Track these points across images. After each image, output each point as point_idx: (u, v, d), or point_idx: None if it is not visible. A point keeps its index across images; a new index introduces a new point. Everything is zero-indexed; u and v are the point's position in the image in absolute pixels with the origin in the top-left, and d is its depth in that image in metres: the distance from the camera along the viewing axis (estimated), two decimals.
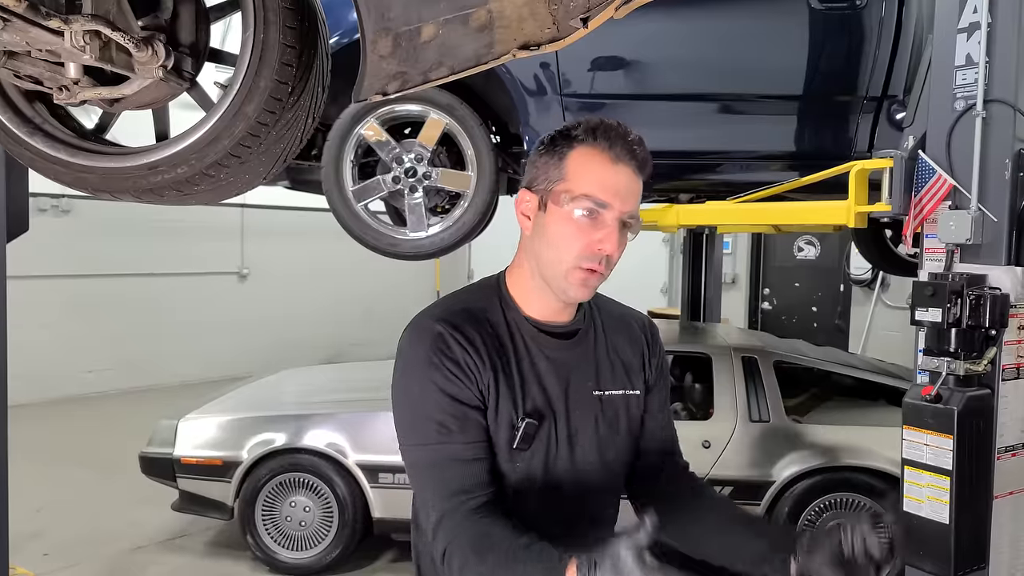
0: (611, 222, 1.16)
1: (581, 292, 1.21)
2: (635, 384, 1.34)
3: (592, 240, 1.16)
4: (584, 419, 1.28)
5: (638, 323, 1.40)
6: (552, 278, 1.21)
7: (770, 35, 2.97)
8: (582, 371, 1.29)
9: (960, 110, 2.32)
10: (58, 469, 5.33)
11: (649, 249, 9.39)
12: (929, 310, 2.26)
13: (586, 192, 1.16)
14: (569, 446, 1.26)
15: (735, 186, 3.11)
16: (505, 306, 1.27)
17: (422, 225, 2.89)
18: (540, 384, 1.25)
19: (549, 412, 1.25)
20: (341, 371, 5.20)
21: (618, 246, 1.18)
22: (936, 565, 2.28)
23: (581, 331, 1.31)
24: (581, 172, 1.18)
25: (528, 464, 1.23)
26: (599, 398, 1.29)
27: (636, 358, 1.36)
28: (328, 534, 3.76)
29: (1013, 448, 2.37)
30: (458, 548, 1.11)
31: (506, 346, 1.24)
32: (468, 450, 1.17)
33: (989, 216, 2.28)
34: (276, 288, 8.94)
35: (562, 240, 1.18)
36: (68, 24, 1.30)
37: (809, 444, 3.47)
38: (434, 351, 1.18)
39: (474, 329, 1.22)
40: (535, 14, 1.16)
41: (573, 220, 1.17)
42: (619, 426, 1.32)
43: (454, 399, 1.17)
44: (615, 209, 1.16)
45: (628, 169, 1.18)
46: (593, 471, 1.29)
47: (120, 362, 7.84)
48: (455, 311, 1.24)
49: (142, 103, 1.60)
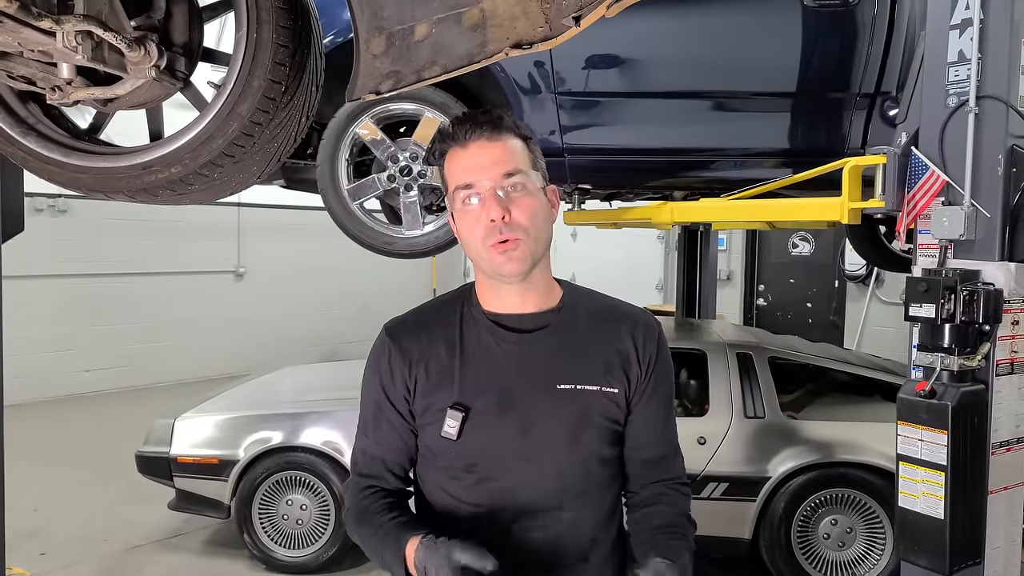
0: (486, 193, 1.23)
1: (509, 266, 1.23)
2: (613, 382, 1.30)
3: (484, 219, 1.23)
4: (543, 412, 1.27)
5: (629, 321, 1.35)
6: (483, 266, 1.27)
7: (764, 32, 2.97)
8: (545, 364, 1.28)
9: (953, 106, 2.32)
10: (55, 468, 5.32)
11: (644, 246, 9.40)
12: (923, 306, 2.27)
13: (456, 185, 1.26)
14: (521, 437, 1.26)
15: (729, 183, 3.12)
16: (466, 304, 1.34)
17: (417, 223, 2.89)
18: (490, 376, 1.27)
19: (493, 403, 1.26)
20: (337, 369, 5.20)
21: (512, 210, 1.22)
22: (931, 560, 2.29)
23: (551, 325, 1.31)
24: (448, 174, 1.28)
25: (465, 450, 1.26)
26: (565, 392, 1.27)
27: (618, 356, 1.31)
28: (325, 532, 3.76)
29: (1007, 443, 2.39)
30: (348, 514, 1.36)
31: (453, 342, 1.30)
32: (373, 447, 1.35)
33: (982, 212, 2.29)
34: (272, 287, 8.94)
35: (466, 232, 1.26)
36: (60, 24, 1.30)
37: (804, 440, 3.48)
38: (374, 358, 1.35)
39: (415, 334, 1.32)
40: (527, 13, 1.17)
41: (464, 212, 1.25)
42: (591, 421, 1.29)
43: (376, 403, 1.34)
44: (483, 181, 1.23)
45: (480, 141, 1.24)
46: (555, 465, 1.27)
47: (116, 361, 7.83)
48: (408, 318, 1.38)
49: (135, 103, 1.60)
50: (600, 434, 1.30)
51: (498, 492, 1.27)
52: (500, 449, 1.27)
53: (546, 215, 1.28)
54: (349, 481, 1.38)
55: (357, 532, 1.33)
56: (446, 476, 1.30)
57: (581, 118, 2.98)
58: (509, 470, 1.27)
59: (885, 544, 3.45)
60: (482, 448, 1.26)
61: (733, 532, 3.48)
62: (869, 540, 3.49)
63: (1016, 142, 2.28)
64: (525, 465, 1.27)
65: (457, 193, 1.25)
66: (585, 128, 2.98)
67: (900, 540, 2.41)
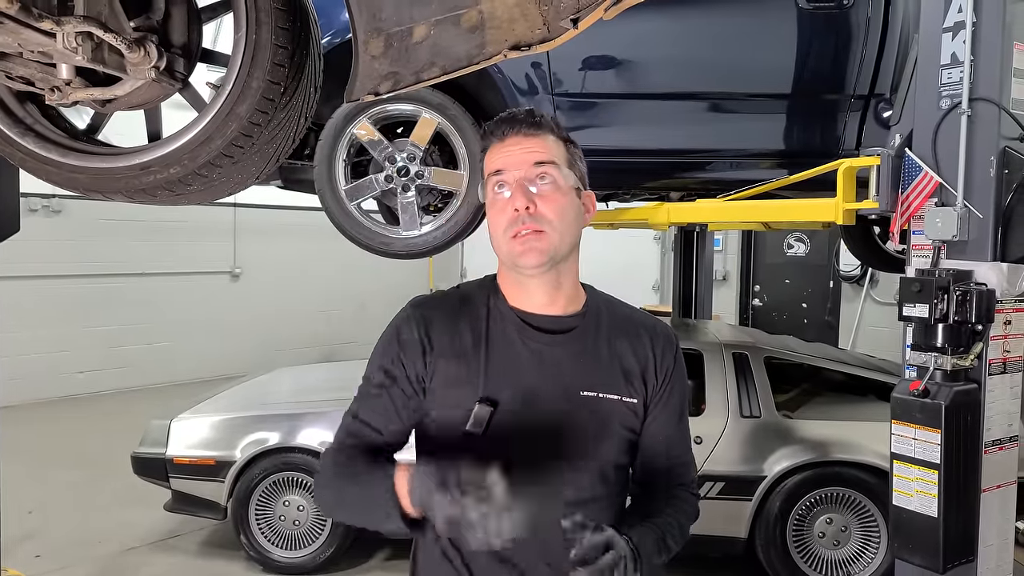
0: (513, 183, 1.23)
1: (528, 257, 1.22)
2: (632, 392, 1.29)
3: (509, 209, 1.23)
4: (565, 416, 1.26)
5: (649, 331, 1.35)
6: (504, 258, 1.27)
7: (759, 34, 2.99)
8: (571, 369, 1.27)
9: (946, 108, 2.34)
10: (50, 470, 5.31)
11: (640, 247, 9.41)
12: (916, 306, 2.29)
13: (488, 172, 1.27)
14: (543, 438, 1.25)
15: (725, 184, 3.14)
16: (493, 297, 1.32)
17: (415, 224, 2.90)
18: (515, 374, 1.26)
19: (519, 402, 1.24)
20: (334, 370, 5.20)
21: (537, 202, 1.22)
22: (925, 558, 2.31)
23: (578, 328, 1.30)
24: (485, 166, 1.29)
25: (488, 448, 1.22)
26: (588, 399, 1.26)
27: (638, 366, 1.31)
28: (322, 533, 3.76)
29: (1000, 442, 2.40)
30: (319, 479, 1.30)
31: (479, 333, 1.28)
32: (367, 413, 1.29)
33: (975, 213, 2.30)
34: (269, 287, 8.92)
35: (492, 220, 1.26)
36: (60, 25, 1.30)
37: (799, 439, 3.50)
38: (393, 329, 1.31)
39: (444, 315, 1.30)
40: (526, 15, 1.18)
41: (493, 201, 1.26)
42: (610, 430, 1.28)
43: (386, 372, 1.28)
44: (511, 171, 1.23)
45: (517, 136, 1.25)
46: (572, 469, 1.26)
47: (112, 362, 7.81)
48: (437, 296, 1.35)
49: (134, 104, 1.61)
50: (618, 443, 1.30)
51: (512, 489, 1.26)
52: (523, 449, 1.24)
53: (575, 214, 1.26)
54: (324, 452, 1.32)
55: (333, 490, 1.27)
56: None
57: (578, 119, 3.00)
58: (527, 471, 1.24)
59: (880, 542, 3.47)
60: (505, 446, 1.23)
61: (729, 531, 3.49)
62: (864, 538, 3.51)
63: (1008, 144, 2.30)
64: (543, 467, 1.25)
65: (489, 181, 1.26)
66: (582, 129, 3.00)
67: (894, 538, 2.42)
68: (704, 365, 3.67)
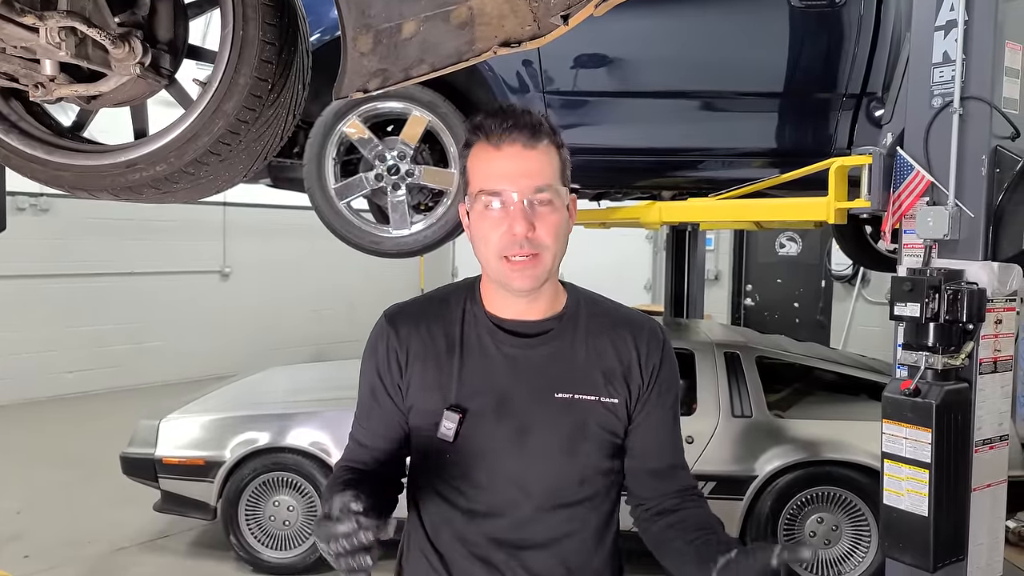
0: (514, 205, 1.17)
1: (520, 281, 1.19)
2: (613, 392, 1.26)
3: (504, 229, 1.17)
4: (541, 420, 1.23)
5: (632, 328, 1.30)
6: (492, 274, 1.23)
7: (751, 33, 2.99)
8: (545, 372, 1.25)
9: (937, 107, 2.34)
10: (38, 470, 5.27)
11: (632, 246, 9.41)
12: (908, 305, 2.29)
13: (480, 188, 1.19)
14: (517, 443, 1.23)
15: (717, 183, 3.13)
16: (470, 302, 1.29)
17: (405, 223, 2.88)
18: (488, 379, 1.24)
19: (492, 408, 1.23)
20: (325, 369, 5.18)
21: (536, 226, 1.17)
22: (915, 557, 2.31)
23: (553, 331, 1.27)
24: (474, 170, 1.21)
25: (463, 455, 1.23)
26: (564, 400, 1.23)
27: (621, 365, 1.27)
28: (312, 533, 3.74)
29: (991, 441, 2.41)
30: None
31: (453, 339, 1.26)
32: (363, 434, 1.32)
33: (966, 212, 2.31)
34: (258, 286, 8.88)
35: (482, 237, 1.20)
36: (43, 20, 1.28)
37: (791, 439, 3.50)
38: (372, 344, 1.31)
39: (418, 322, 1.28)
40: (516, 11, 1.16)
41: (485, 216, 1.19)
42: (587, 432, 1.25)
43: (371, 389, 1.30)
44: (512, 192, 1.17)
45: (515, 148, 1.18)
46: (552, 473, 1.24)
47: (100, 362, 7.76)
48: (409, 306, 1.33)
49: (120, 100, 1.59)
50: (599, 446, 1.27)
51: (492, 498, 1.24)
52: (496, 455, 1.23)
53: (567, 229, 1.23)
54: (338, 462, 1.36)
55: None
56: (440, 479, 1.26)
57: (569, 117, 2.99)
58: (504, 476, 1.24)
59: (871, 542, 3.48)
60: (477, 452, 1.23)
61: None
62: (855, 538, 3.51)
63: (1000, 143, 2.30)
64: (520, 472, 1.24)
65: (480, 195, 1.19)
66: (573, 127, 2.99)
67: (885, 537, 2.42)
68: (696, 365, 3.67)
